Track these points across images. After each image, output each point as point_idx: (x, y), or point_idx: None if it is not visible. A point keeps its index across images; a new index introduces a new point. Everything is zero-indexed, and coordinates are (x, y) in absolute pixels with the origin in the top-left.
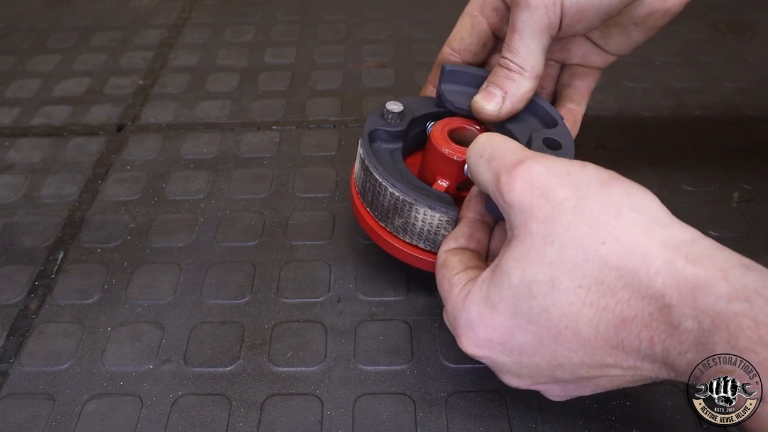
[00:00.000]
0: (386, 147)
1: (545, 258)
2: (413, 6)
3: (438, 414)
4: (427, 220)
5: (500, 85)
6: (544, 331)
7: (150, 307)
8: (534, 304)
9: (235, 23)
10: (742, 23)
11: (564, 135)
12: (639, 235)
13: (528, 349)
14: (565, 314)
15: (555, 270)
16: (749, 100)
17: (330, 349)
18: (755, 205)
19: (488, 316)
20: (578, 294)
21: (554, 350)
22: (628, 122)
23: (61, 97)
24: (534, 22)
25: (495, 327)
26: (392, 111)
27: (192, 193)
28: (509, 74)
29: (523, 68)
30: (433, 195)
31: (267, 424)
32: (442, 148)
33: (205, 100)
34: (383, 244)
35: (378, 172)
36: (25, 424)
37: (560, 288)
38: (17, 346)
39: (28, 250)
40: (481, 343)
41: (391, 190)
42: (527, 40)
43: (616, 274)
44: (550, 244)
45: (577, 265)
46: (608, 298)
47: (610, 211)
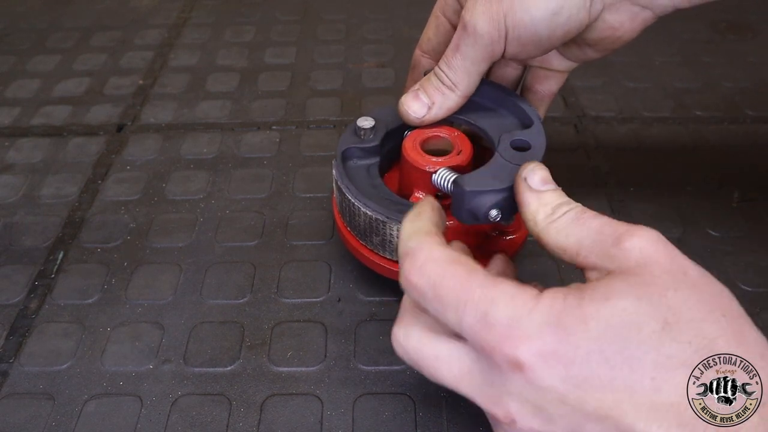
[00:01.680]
0: (362, 163)
1: (665, 299)
2: (413, 6)
3: (438, 414)
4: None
5: (430, 93)
6: (627, 370)
7: (150, 307)
8: (633, 338)
9: (235, 23)
10: (742, 23)
11: (536, 136)
12: (758, 335)
13: (593, 384)
14: (661, 363)
15: (672, 315)
16: (749, 100)
17: (330, 349)
18: (755, 205)
19: (572, 329)
20: (685, 350)
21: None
22: (628, 122)
23: (61, 97)
24: (477, 50)
25: (573, 341)
26: (363, 127)
27: (192, 193)
28: (441, 87)
29: (456, 86)
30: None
31: (267, 424)
32: (414, 160)
33: (205, 100)
34: (367, 263)
35: (350, 192)
36: (25, 424)
37: (671, 334)
38: (17, 346)
39: (28, 250)
40: (545, 355)
41: (364, 210)
42: (467, 63)
43: (726, 345)
44: (674, 290)
45: (696, 320)
46: (708, 371)
47: (729, 296)
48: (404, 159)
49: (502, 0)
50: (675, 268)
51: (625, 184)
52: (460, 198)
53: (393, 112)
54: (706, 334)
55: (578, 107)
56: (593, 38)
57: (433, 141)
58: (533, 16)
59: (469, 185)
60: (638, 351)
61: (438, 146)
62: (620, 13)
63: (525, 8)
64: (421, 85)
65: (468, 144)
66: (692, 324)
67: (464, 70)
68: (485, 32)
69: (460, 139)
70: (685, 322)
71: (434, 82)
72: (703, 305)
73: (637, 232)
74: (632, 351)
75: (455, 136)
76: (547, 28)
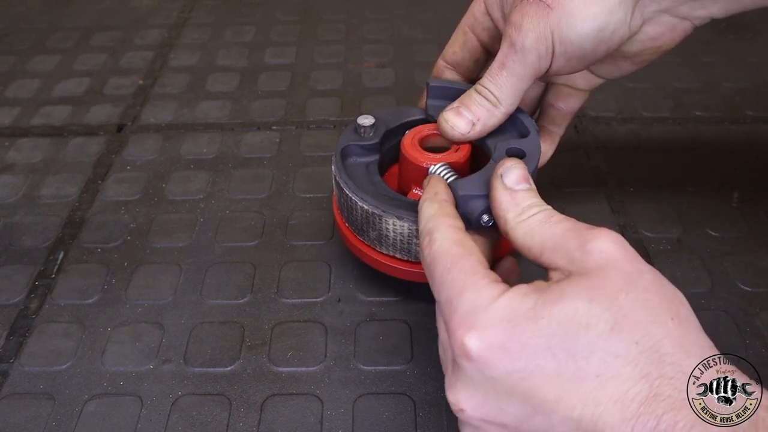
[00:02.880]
0: (362, 161)
1: (616, 302)
2: (413, 6)
3: (438, 414)
4: (398, 230)
5: (473, 110)
6: (573, 367)
7: (150, 307)
8: (584, 336)
9: (235, 23)
10: (742, 23)
11: (531, 144)
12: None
13: (539, 376)
14: (605, 363)
15: (621, 317)
16: (749, 100)
17: (330, 349)
18: (755, 205)
19: (522, 325)
20: (631, 350)
21: (565, 391)
22: (628, 122)
23: (61, 97)
24: (523, 66)
25: (521, 338)
26: (363, 125)
27: (192, 193)
28: (485, 103)
29: (500, 102)
30: (405, 205)
31: (267, 424)
32: (412, 156)
33: (205, 100)
34: (366, 259)
35: (348, 187)
36: (25, 424)
37: (619, 335)
38: (17, 346)
39: (28, 250)
40: (494, 347)
41: (361, 204)
42: (513, 80)
43: (672, 351)
44: (625, 293)
45: (645, 323)
46: (653, 367)
47: (683, 302)
48: (403, 156)
49: (549, 17)
50: (631, 271)
51: (625, 184)
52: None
53: (394, 111)
54: (653, 335)
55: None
56: (633, 51)
57: (432, 139)
58: (579, 32)
59: (462, 189)
60: (586, 349)
61: (437, 144)
62: (660, 25)
63: (572, 25)
64: (462, 102)
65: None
66: (640, 326)
67: (510, 87)
68: (533, 49)
69: None
70: (634, 324)
71: (477, 99)
72: (653, 308)
73: (599, 235)
74: (580, 348)
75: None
76: (592, 43)
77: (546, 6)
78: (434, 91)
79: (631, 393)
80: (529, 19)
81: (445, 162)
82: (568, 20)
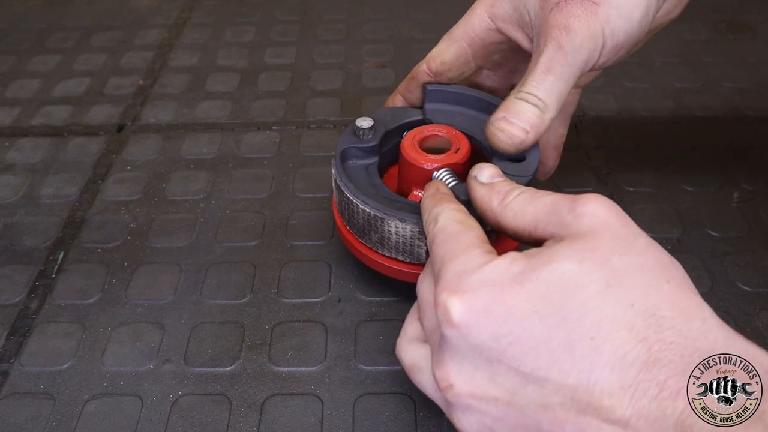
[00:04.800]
0: (361, 163)
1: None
2: (413, 6)
3: (438, 414)
4: (400, 232)
5: (523, 117)
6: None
7: (150, 307)
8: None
9: (235, 23)
10: (742, 23)
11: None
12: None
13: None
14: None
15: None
16: (749, 100)
17: (330, 349)
18: (755, 205)
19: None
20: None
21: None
22: (628, 122)
23: (61, 97)
24: (572, 68)
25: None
26: (362, 127)
27: (192, 193)
28: (534, 110)
29: (548, 107)
30: (407, 207)
31: (267, 424)
32: (412, 158)
33: (205, 100)
34: (368, 262)
35: (349, 190)
36: (25, 424)
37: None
38: (17, 346)
39: (28, 250)
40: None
41: (362, 207)
42: (560, 83)
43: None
44: (619, 255)
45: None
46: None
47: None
48: (403, 157)
49: (598, 14)
50: (625, 234)
51: (625, 184)
52: None
53: (392, 113)
54: (649, 297)
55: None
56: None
57: (431, 140)
58: (631, 23)
59: (464, 194)
60: (577, 311)
61: (436, 145)
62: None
63: (623, 14)
64: (509, 111)
65: (466, 142)
66: (635, 288)
67: (557, 92)
68: (584, 49)
69: (458, 137)
70: (629, 285)
71: (524, 106)
72: (648, 271)
73: (591, 198)
74: (571, 311)
75: (453, 135)
76: (639, 30)
77: (592, 3)
78: (431, 94)
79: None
80: (577, 19)
81: (447, 167)
82: (618, 12)
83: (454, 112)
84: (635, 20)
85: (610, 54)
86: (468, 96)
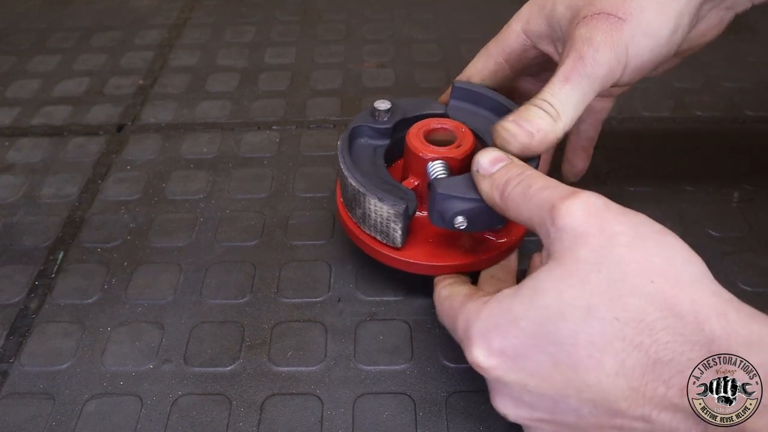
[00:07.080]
0: (371, 143)
1: (587, 285)
2: (413, 6)
3: (438, 414)
4: (378, 211)
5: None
6: (565, 355)
7: (150, 307)
8: (563, 326)
9: (235, 23)
10: (742, 23)
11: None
12: (690, 282)
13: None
14: (593, 342)
15: (595, 298)
16: (749, 100)
17: (330, 348)
18: (755, 205)
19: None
20: (613, 326)
21: (568, 378)
22: (628, 122)
23: (61, 97)
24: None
25: (512, 339)
26: (379, 108)
27: (192, 193)
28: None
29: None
30: (394, 190)
31: (267, 424)
32: (413, 146)
33: (205, 100)
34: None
35: (344, 163)
36: (25, 424)
37: (596, 316)
38: (17, 346)
39: (28, 250)
40: (494, 353)
41: (350, 180)
42: (577, 95)
43: (660, 315)
44: (596, 272)
45: (621, 297)
46: (644, 336)
47: (663, 255)
48: (405, 144)
49: (623, 30)
50: (602, 244)
51: (625, 184)
52: (432, 198)
53: (416, 102)
54: (631, 307)
55: None
56: (683, 49)
57: (438, 132)
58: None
59: (441, 188)
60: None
61: (441, 138)
62: (710, 19)
63: (648, 32)
64: (519, 115)
65: (470, 140)
66: (616, 302)
67: (572, 103)
68: (605, 63)
69: (465, 134)
70: (609, 302)
71: (536, 112)
72: (629, 278)
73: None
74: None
75: (462, 131)
76: (665, 50)
77: (618, 19)
78: (458, 92)
79: (628, 363)
80: (600, 33)
81: (443, 159)
82: (644, 28)
83: (474, 112)
84: (662, 39)
85: (635, 73)
86: (491, 99)
